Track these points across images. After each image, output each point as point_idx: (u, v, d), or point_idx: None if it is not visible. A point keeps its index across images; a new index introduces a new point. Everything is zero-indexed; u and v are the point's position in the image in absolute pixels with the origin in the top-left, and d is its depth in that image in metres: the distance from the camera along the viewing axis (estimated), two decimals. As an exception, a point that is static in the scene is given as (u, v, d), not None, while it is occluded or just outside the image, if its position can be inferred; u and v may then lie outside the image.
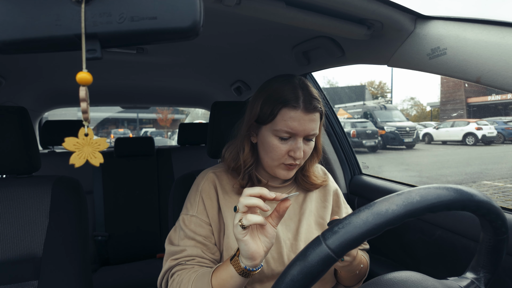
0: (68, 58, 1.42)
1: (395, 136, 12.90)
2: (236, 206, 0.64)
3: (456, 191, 0.43)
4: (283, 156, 0.81)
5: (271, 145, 0.80)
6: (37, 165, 0.99)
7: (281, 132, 0.79)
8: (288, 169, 0.83)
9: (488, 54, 0.64)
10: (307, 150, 0.82)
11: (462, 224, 0.90)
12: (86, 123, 0.35)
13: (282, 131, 0.78)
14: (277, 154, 0.80)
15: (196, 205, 0.85)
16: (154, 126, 27.39)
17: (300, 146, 0.79)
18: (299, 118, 0.77)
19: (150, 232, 2.03)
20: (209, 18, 0.96)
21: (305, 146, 0.82)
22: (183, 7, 0.31)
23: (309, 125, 0.79)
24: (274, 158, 0.81)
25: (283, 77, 0.84)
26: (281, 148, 0.80)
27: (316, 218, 0.91)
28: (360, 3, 0.72)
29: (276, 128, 0.79)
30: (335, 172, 1.49)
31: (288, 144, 0.80)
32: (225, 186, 0.88)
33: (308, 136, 0.81)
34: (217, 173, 0.90)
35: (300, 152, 0.79)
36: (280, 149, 0.80)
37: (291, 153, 0.80)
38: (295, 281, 0.40)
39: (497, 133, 13.10)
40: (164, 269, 0.80)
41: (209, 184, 0.87)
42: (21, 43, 0.31)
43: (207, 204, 0.84)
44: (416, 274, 0.51)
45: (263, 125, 0.82)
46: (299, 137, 0.79)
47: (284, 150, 0.80)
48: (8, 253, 0.87)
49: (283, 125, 0.78)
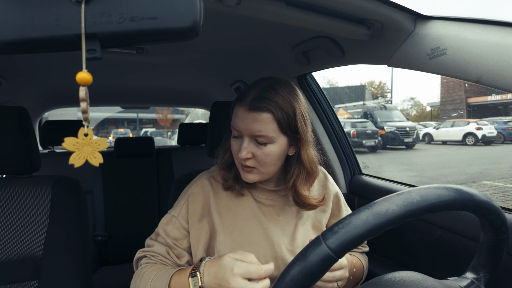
0: (68, 58, 1.42)
1: (395, 136, 12.90)
2: None
3: (456, 191, 0.43)
4: (236, 156, 0.80)
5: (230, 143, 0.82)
6: (37, 165, 0.99)
7: (233, 129, 0.79)
8: (244, 171, 0.79)
9: (488, 54, 0.64)
10: (258, 155, 0.76)
11: (462, 224, 0.90)
12: (86, 123, 0.35)
13: (232, 127, 0.79)
14: (234, 151, 0.80)
15: (180, 207, 0.85)
16: (154, 126, 27.39)
17: (244, 146, 0.76)
18: (242, 115, 0.75)
19: (150, 232, 2.02)
20: (209, 18, 0.96)
21: (257, 150, 0.76)
22: (183, 7, 0.31)
23: (252, 125, 0.74)
24: (235, 155, 0.81)
25: (262, 78, 0.83)
26: (234, 146, 0.80)
27: (313, 222, 0.89)
28: (360, 3, 0.72)
29: (231, 124, 0.80)
30: (335, 172, 1.49)
31: (239, 144, 0.78)
32: (218, 187, 0.87)
33: (255, 137, 0.76)
34: (213, 175, 0.89)
35: (242, 153, 0.75)
36: (234, 147, 0.80)
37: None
38: (295, 281, 0.40)
39: (497, 133, 13.11)
40: (136, 257, 0.87)
41: (199, 189, 0.86)
42: (21, 43, 0.31)
43: (191, 209, 0.84)
44: (416, 274, 0.51)
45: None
46: (245, 137, 0.76)
47: (236, 149, 0.79)
48: (8, 253, 0.87)
49: (233, 122, 0.79)
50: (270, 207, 0.86)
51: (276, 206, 0.87)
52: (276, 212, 0.86)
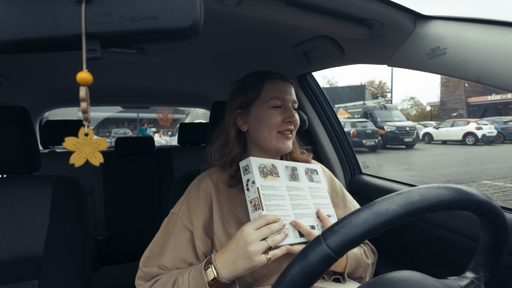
0: (68, 58, 1.42)
1: (395, 135, 12.90)
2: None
3: (456, 190, 0.43)
4: (279, 124, 0.85)
5: (266, 116, 0.85)
6: (37, 165, 0.99)
7: (274, 100, 0.85)
8: (287, 138, 0.87)
9: (488, 54, 0.64)
10: (296, 118, 0.87)
11: (462, 223, 0.90)
12: (86, 123, 0.35)
13: (274, 98, 0.86)
14: (274, 122, 0.84)
15: (181, 204, 0.86)
16: (154, 126, 27.40)
17: (293, 112, 0.86)
18: (281, 86, 0.88)
19: (151, 232, 2.03)
20: (210, 18, 0.96)
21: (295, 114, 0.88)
22: (183, 7, 0.31)
23: (292, 93, 0.90)
24: (271, 127, 0.85)
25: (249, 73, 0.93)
26: (277, 115, 0.85)
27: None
28: (360, 3, 0.72)
29: (266, 98, 0.86)
30: (335, 171, 1.49)
31: (281, 113, 0.86)
32: (218, 183, 0.88)
33: (293, 104, 0.89)
34: (210, 175, 0.90)
35: (295, 117, 0.86)
36: (276, 116, 0.85)
37: (286, 119, 0.85)
38: (295, 280, 0.40)
39: (497, 133, 13.10)
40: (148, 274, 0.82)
41: (199, 185, 0.87)
42: (21, 43, 0.31)
43: (191, 203, 0.84)
44: (416, 273, 0.51)
45: (252, 106, 0.88)
46: (288, 104, 0.87)
47: (279, 118, 0.85)
48: (8, 253, 0.88)
49: (273, 94, 0.86)
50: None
51: None
52: None
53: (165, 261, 0.80)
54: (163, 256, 0.81)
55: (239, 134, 0.90)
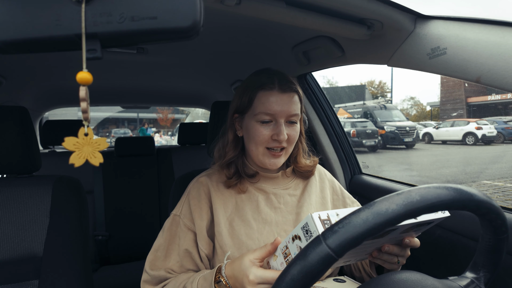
0: (68, 58, 1.42)
1: (395, 135, 12.91)
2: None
3: (456, 190, 0.43)
4: (266, 141, 0.80)
5: (253, 131, 0.81)
6: (37, 165, 0.99)
7: (261, 115, 0.80)
8: (274, 156, 0.82)
9: (488, 54, 0.64)
10: (292, 134, 0.82)
11: (462, 223, 0.90)
12: (86, 123, 0.35)
13: (262, 113, 0.79)
14: (260, 138, 0.80)
15: (181, 205, 0.86)
16: (154, 125, 27.41)
17: (282, 128, 0.79)
18: (276, 98, 0.79)
19: (151, 232, 2.03)
20: (210, 18, 0.96)
21: (290, 130, 0.81)
22: (183, 7, 0.31)
23: (288, 106, 0.80)
24: (257, 143, 0.81)
25: (260, 69, 0.87)
26: (263, 132, 0.80)
27: (315, 212, 0.90)
28: (360, 3, 0.72)
29: (255, 112, 0.80)
30: (335, 171, 1.49)
31: (270, 129, 0.80)
32: (217, 184, 0.88)
33: (289, 117, 0.81)
34: (209, 175, 0.90)
35: (283, 135, 0.79)
36: (262, 133, 0.80)
37: (274, 137, 0.80)
38: (295, 280, 0.40)
39: (497, 133, 13.11)
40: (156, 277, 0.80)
41: (199, 186, 0.87)
42: (21, 43, 0.31)
43: (193, 204, 0.84)
44: (416, 273, 0.51)
45: (245, 115, 0.84)
46: (280, 119, 0.80)
47: (267, 134, 0.80)
48: (8, 253, 0.87)
49: (262, 108, 0.79)
50: (273, 195, 0.87)
51: (278, 194, 0.88)
52: (277, 201, 0.87)
53: (171, 264, 0.80)
54: (169, 259, 0.80)
55: (236, 138, 0.89)
